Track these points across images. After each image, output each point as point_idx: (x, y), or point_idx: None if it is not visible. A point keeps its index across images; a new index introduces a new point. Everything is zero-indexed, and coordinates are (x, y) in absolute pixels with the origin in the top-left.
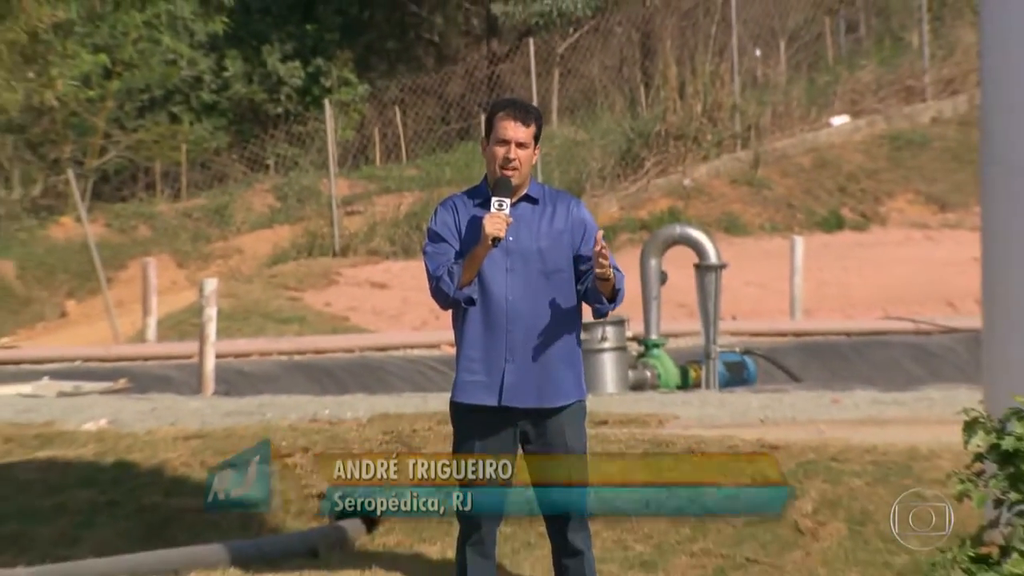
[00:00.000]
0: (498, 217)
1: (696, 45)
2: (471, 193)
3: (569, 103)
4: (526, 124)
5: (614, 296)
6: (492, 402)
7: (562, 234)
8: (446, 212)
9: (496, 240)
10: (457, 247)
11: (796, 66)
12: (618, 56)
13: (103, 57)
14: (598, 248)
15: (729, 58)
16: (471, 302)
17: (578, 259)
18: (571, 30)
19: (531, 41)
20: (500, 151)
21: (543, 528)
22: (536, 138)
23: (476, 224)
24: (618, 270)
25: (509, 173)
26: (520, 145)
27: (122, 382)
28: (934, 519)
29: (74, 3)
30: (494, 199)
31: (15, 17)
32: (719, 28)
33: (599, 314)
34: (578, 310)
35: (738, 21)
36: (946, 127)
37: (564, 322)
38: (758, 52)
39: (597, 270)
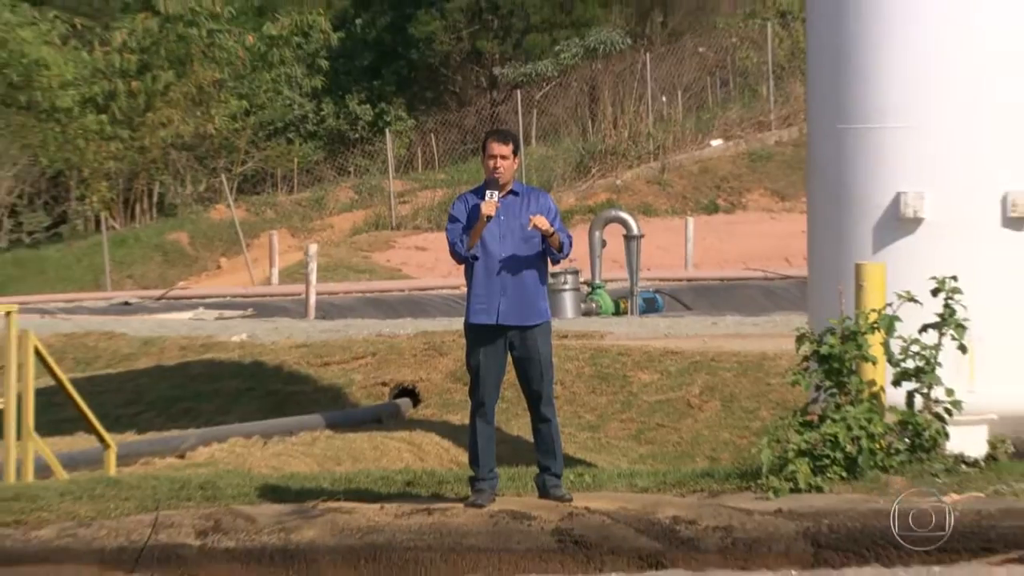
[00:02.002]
0: (490, 203)
1: (624, 94)
2: (476, 191)
3: (542, 132)
4: (505, 143)
5: (560, 249)
6: (491, 322)
7: (536, 216)
8: (460, 202)
9: (489, 217)
10: (465, 223)
11: (688, 108)
12: (574, 101)
13: (244, 102)
14: (536, 222)
15: (645, 102)
16: (475, 259)
17: (541, 228)
18: (543, 85)
19: (518, 92)
20: (490, 162)
21: (525, 405)
22: (514, 152)
23: (477, 209)
24: (566, 233)
25: (496, 175)
26: (502, 157)
27: (250, 311)
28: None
29: (226, 68)
30: (487, 191)
31: (188, 77)
32: (639, 83)
33: (555, 261)
34: (545, 262)
35: (651, 79)
36: (784, 147)
37: (536, 270)
38: (664, 98)
39: (543, 231)
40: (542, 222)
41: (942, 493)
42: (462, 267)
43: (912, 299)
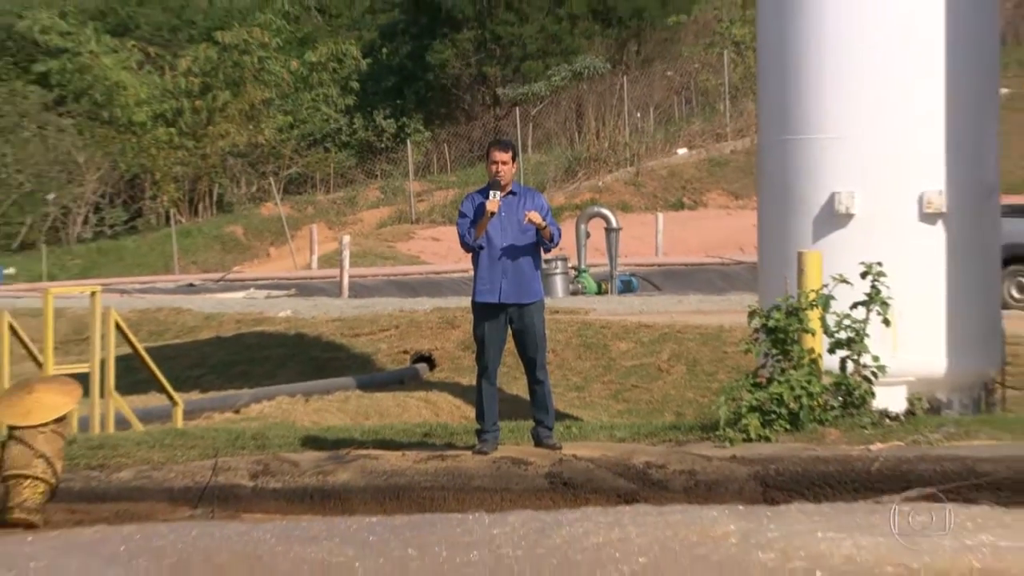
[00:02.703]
0: (493, 201)
1: (605, 110)
2: (481, 191)
3: (537, 142)
4: (505, 151)
5: (551, 239)
6: (494, 300)
7: (531, 212)
8: (468, 201)
9: (492, 213)
10: (472, 218)
11: (658, 122)
12: (563, 116)
13: (289, 117)
14: (530, 217)
15: (623, 117)
16: (481, 248)
17: (535, 222)
18: (538, 103)
19: (517, 109)
20: (492, 167)
21: (523, 369)
22: (513, 158)
23: (482, 206)
24: (556, 226)
25: (498, 178)
26: (503, 162)
27: (293, 291)
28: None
29: (274, 89)
30: (491, 192)
31: (242, 96)
32: (617, 101)
33: (547, 249)
34: (539, 250)
35: (627, 98)
36: (738, 154)
37: (531, 257)
38: (638, 114)
39: (536, 224)
40: (536, 217)
41: (869, 442)
42: (470, 255)
43: (844, 281)
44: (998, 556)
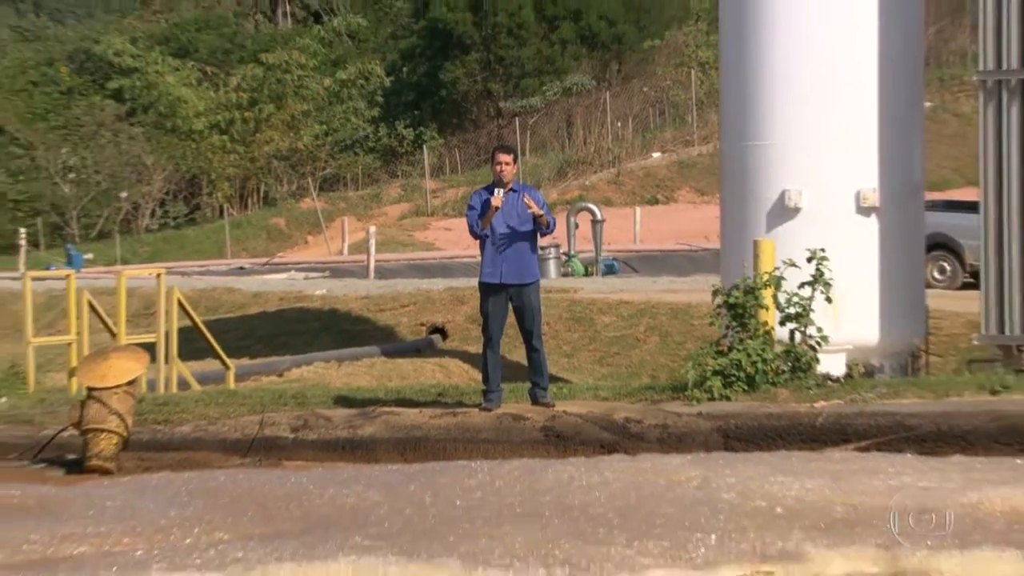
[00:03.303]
0: (497, 197)
1: (591, 121)
2: (487, 188)
3: (533, 147)
4: (507, 154)
5: (547, 227)
6: (497, 281)
7: (528, 206)
8: (476, 196)
9: (496, 207)
10: (479, 210)
11: (636, 130)
12: (556, 126)
13: (324, 126)
14: (530, 205)
15: (606, 127)
16: (486, 236)
17: (535, 217)
18: (535, 114)
19: (516, 119)
20: (496, 167)
21: (521, 339)
22: (514, 160)
23: (488, 201)
24: (551, 216)
25: (501, 176)
26: (505, 164)
27: (327, 273)
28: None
29: (311, 102)
30: (495, 189)
31: (284, 109)
32: (601, 113)
33: (543, 234)
34: (535, 237)
35: (610, 110)
36: (704, 157)
37: (529, 243)
38: (619, 124)
39: (535, 212)
40: (535, 206)
41: (814, 401)
42: (477, 242)
43: (793, 265)
44: (922, 495)
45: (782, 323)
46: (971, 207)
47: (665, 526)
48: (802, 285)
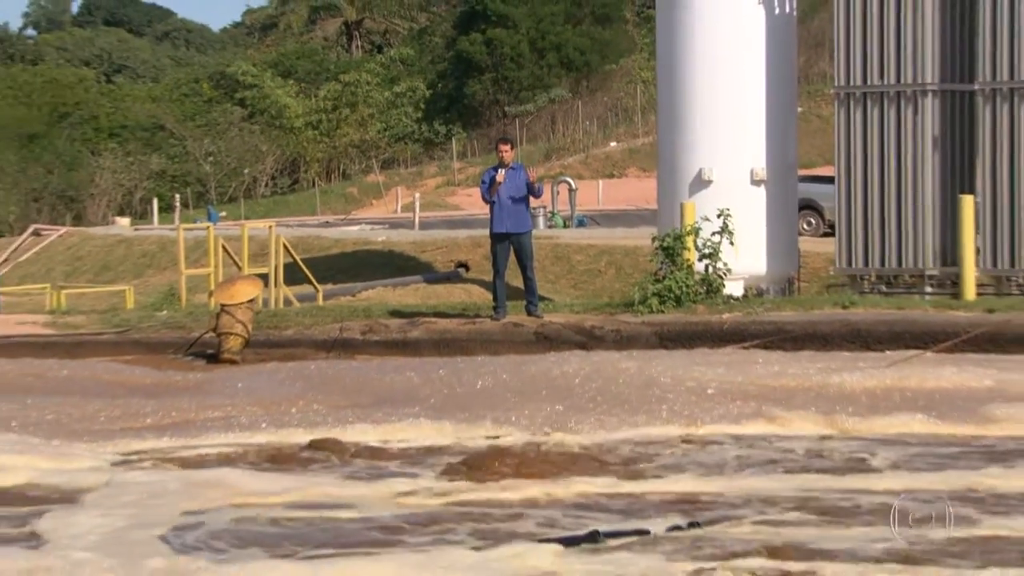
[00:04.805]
0: (500, 174)
1: (568, 121)
2: (494, 168)
3: (528, 139)
4: (507, 144)
5: (537, 195)
6: (502, 231)
7: (523, 179)
8: (486, 173)
9: (499, 182)
10: (488, 183)
11: (599, 127)
12: (544, 124)
13: (383, 124)
14: (530, 181)
15: (579, 124)
16: (493, 201)
17: (527, 186)
18: (529, 116)
19: (517, 120)
20: (500, 153)
21: (519, 272)
22: (512, 148)
23: (493, 177)
24: (539, 186)
25: (503, 159)
26: (506, 150)
27: (387, 226)
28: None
29: (374, 107)
30: (499, 169)
31: (356, 112)
32: (575, 114)
33: (535, 197)
34: (529, 201)
35: (581, 113)
36: (646, 145)
37: (524, 205)
38: (587, 122)
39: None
40: (532, 179)
41: (721, 313)
42: (488, 205)
43: (707, 219)
44: (796, 376)
45: (699, 260)
46: (829, 180)
47: (628, 399)
48: (713, 234)
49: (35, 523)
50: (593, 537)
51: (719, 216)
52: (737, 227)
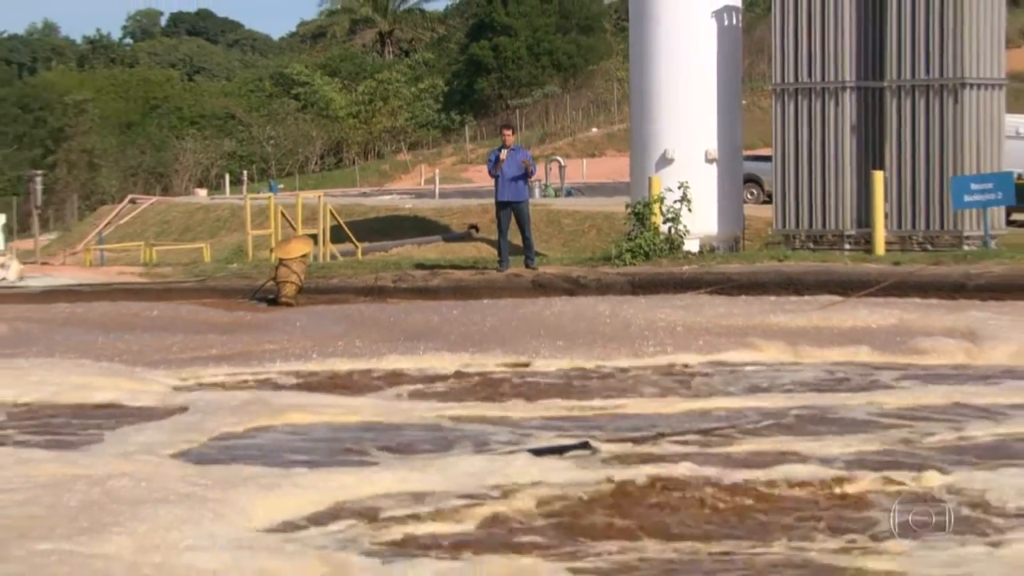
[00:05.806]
0: (503, 153)
1: (558, 112)
2: (497, 148)
3: (526, 125)
4: (509, 129)
5: (532, 172)
6: (505, 199)
7: (522, 157)
8: (492, 153)
9: (502, 161)
10: (493, 162)
11: (583, 116)
12: (539, 115)
13: (410, 114)
14: (527, 162)
15: (568, 115)
16: (497, 176)
17: (525, 164)
18: (527, 108)
19: (517, 111)
20: (502, 137)
21: (519, 232)
22: (512, 133)
23: (497, 156)
24: (535, 166)
25: (505, 141)
26: (508, 134)
27: (413, 196)
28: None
29: (403, 100)
30: (502, 150)
31: (388, 104)
32: (564, 107)
33: (530, 175)
34: (526, 176)
35: (569, 106)
36: (622, 131)
37: (522, 180)
38: (574, 112)
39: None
40: (529, 161)
41: (682, 265)
42: (493, 179)
43: (670, 190)
44: (744, 317)
45: (664, 223)
46: (767, 159)
47: (613, 336)
48: (675, 202)
49: (106, 433)
50: (585, 445)
51: (680, 188)
52: (694, 196)
